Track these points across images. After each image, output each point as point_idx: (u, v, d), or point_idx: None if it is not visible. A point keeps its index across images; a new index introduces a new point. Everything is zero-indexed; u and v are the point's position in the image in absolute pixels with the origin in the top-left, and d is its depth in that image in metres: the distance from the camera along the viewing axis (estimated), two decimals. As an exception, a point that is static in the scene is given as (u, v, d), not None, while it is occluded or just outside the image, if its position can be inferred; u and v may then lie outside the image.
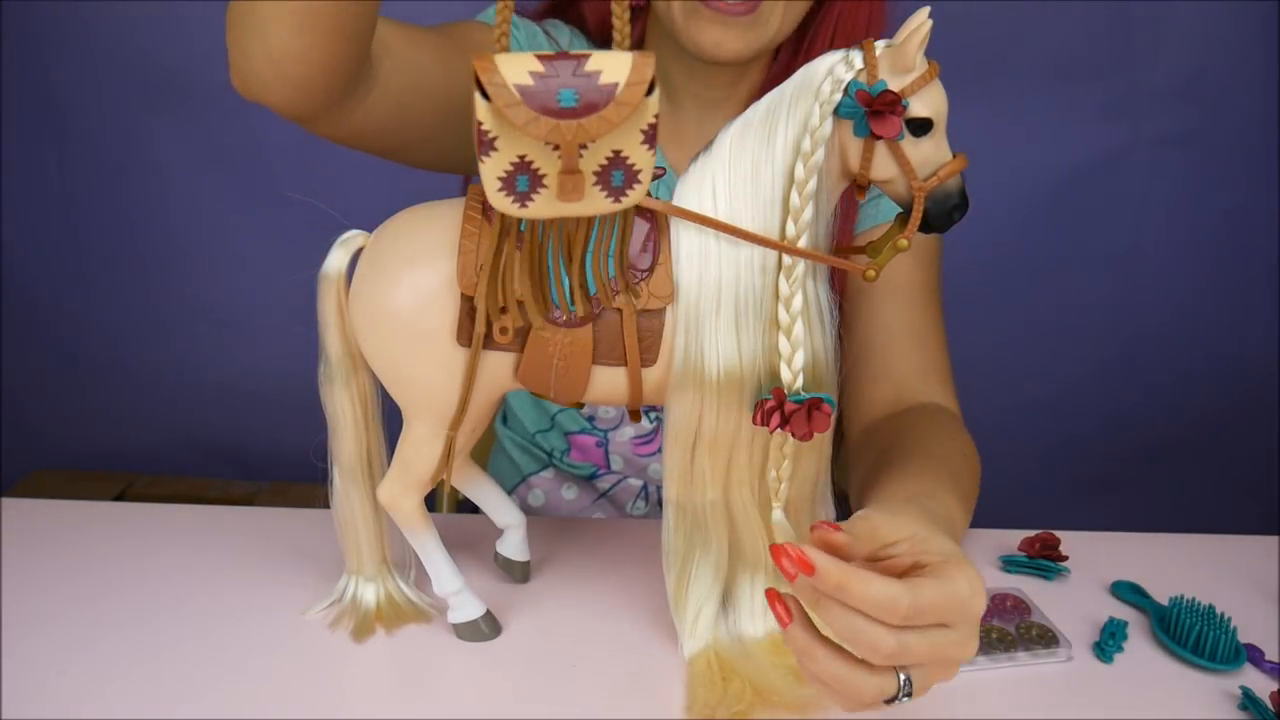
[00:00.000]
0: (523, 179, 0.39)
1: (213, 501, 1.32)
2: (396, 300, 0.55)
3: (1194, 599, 0.65)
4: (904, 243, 0.54)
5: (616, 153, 0.39)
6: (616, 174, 0.40)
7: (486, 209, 0.54)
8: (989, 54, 1.38)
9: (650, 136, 0.40)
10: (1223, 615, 0.64)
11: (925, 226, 0.54)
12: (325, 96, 0.62)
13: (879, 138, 0.51)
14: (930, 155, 0.52)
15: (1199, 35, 1.40)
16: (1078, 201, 1.49)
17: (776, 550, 0.44)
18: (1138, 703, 0.59)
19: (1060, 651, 0.63)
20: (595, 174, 0.39)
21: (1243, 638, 0.64)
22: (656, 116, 0.39)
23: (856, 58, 0.52)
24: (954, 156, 0.53)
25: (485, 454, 1.06)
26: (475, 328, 0.54)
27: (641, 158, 0.40)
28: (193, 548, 0.73)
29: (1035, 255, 1.51)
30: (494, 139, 0.37)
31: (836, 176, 0.55)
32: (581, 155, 0.38)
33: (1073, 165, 1.47)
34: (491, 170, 0.38)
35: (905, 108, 0.51)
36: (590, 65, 0.37)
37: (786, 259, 0.54)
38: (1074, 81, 1.42)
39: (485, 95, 0.37)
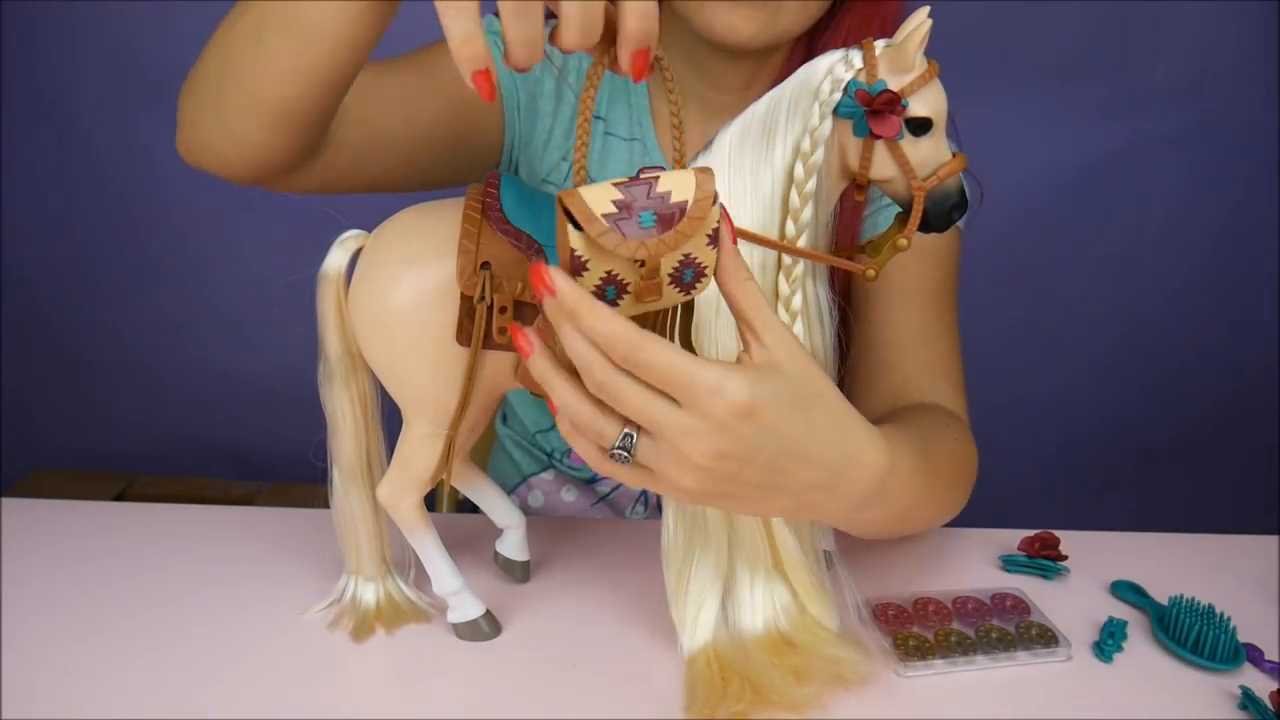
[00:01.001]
0: (610, 289, 0.44)
1: (213, 501, 1.32)
2: (396, 300, 0.55)
3: (1194, 599, 0.65)
4: (904, 242, 0.54)
5: (687, 255, 0.45)
6: (687, 272, 0.45)
7: (486, 208, 0.54)
8: (989, 54, 1.38)
9: (714, 238, 0.45)
10: (1222, 615, 0.64)
11: (925, 226, 0.54)
12: (281, 170, 0.64)
13: (878, 137, 0.52)
14: (930, 155, 0.52)
15: (1199, 35, 1.39)
16: (1078, 201, 1.49)
17: (535, 268, 0.43)
18: (1137, 702, 0.59)
19: (1060, 651, 0.63)
20: (670, 275, 0.45)
21: (1242, 637, 0.64)
22: (719, 220, 0.45)
23: (856, 57, 0.52)
24: (953, 156, 0.53)
25: (485, 454, 1.06)
26: (475, 327, 0.55)
27: (708, 256, 0.45)
28: (193, 548, 0.73)
29: (1035, 255, 1.51)
30: (585, 261, 0.43)
31: (836, 176, 0.55)
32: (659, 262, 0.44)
33: (1072, 165, 1.47)
34: (584, 287, 0.44)
35: (905, 107, 0.51)
36: (661, 187, 0.43)
37: (786, 259, 0.54)
38: (1074, 81, 1.42)
39: (575, 224, 0.43)
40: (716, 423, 0.45)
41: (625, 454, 0.46)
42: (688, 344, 0.51)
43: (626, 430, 0.46)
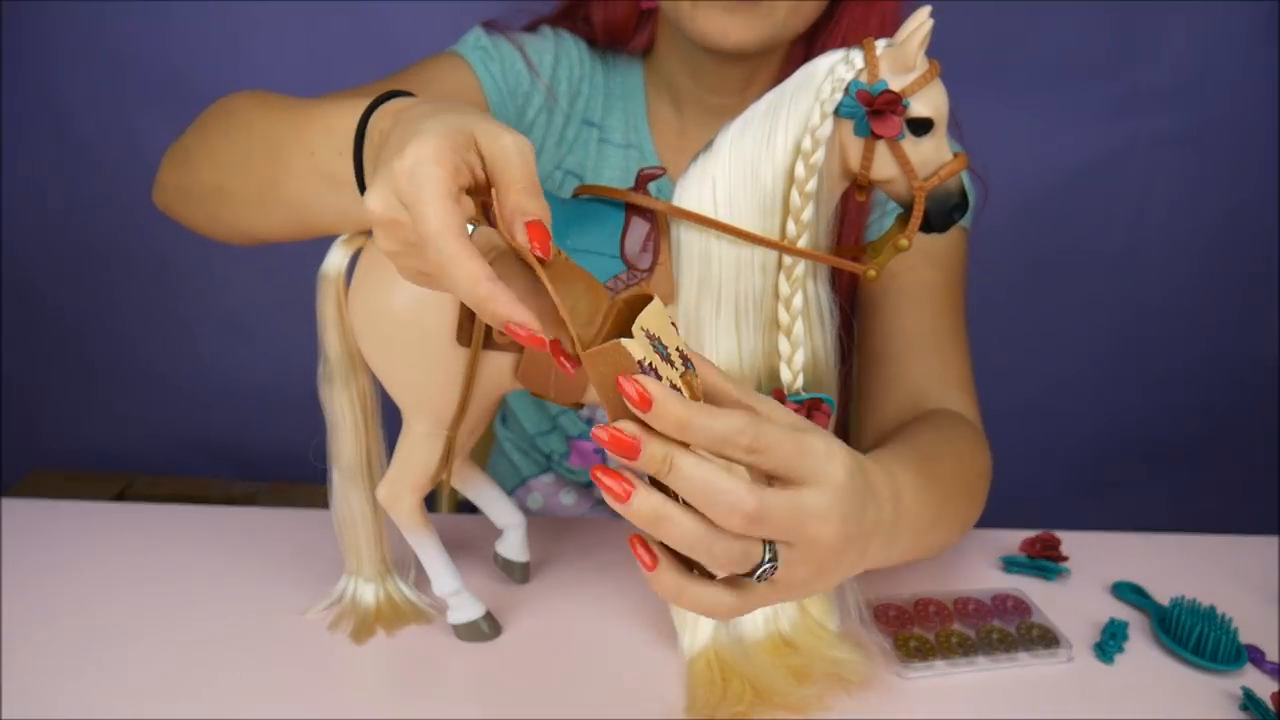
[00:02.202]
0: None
1: (213, 501, 1.32)
2: (396, 300, 0.55)
3: (1195, 599, 0.65)
4: (905, 243, 0.54)
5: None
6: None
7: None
8: (989, 54, 1.38)
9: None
10: (1223, 616, 0.64)
11: (926, 226, 0.54)
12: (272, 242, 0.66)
13: (879, 137, 0.51)
14: (930, 155, 0.52)
15: (1199, 35, 1.39)
16: (1078, 201, 1.49)
17: (620, 381, 0.38)
18: (1138, 703, 0.59)
19: (1061, 652, 0.63)
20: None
21: (1243, 638, 0.64)
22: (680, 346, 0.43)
23: (857, 57, 0.52)
24: (954, 156, 0.53)
25: (484, 456, 1.06)
26: (475, 328, 0.54)
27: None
28: (193, 548, 0.73)
29: (1035, 254, 1.51)
30: (653, 365, 0.40)
31: (837, 176, 0.55)
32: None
33: (1073, 165, 1.47)
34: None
35: (906, 107, 0.51)
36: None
37: (787, 259, 0.54)
38: (1074, 81, 1.42)
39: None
40: (840, 493, 0.43)
41: (774, 565, 0.42)
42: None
43: (769, 543, 0.42)
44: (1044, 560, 0.73)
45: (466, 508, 0.97)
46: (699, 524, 0.40)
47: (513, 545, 0.69)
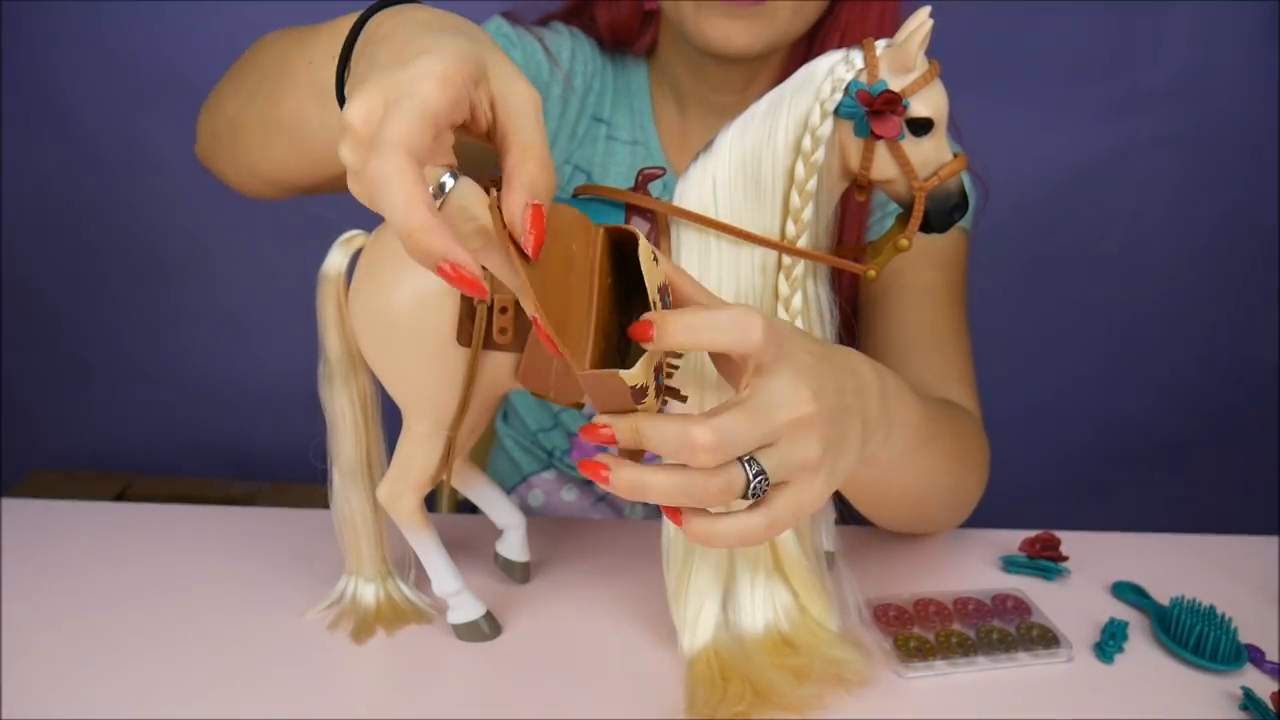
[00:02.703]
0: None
1: (213, 501, 1.32)
2: (396, 300, 0.55)
3: (1194, 599, 0.65)
4: (905, 243, 0.54)
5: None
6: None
7: (488, 209, 0.54)
8: (989, 54, 1.38)
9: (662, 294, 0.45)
10: (1223, 616, 0.64)
11: (926, 226, 0.54)
12: (300, 192, 0.65)
13: (879, 138, 0.51)
14: (930, 155, 0.52)
15: (1199, 35, 1.39)
16: (1078, 201, 1.49)
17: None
18: (1138, 703, 0.59)
19: (1061, 652, 0.63)
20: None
21: (1243, 638, 0.64)
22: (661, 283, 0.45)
23: (857, 57, 0.52)
24: (954, 156, 0.53)
25: (485, 454, 1.06)
26: (475, 328, 0.54)
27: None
28: (193, 548, 0.73)
29: (1034, 254, 1.51)
30: (645, 388, 0.42)
31: (837, 176, 0.55)
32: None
33: (1072, 165, 1.47)
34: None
35: (906, 107, 0.51)
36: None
37: (786, 259, 0.54)
38: (1074, 81, 1.42)
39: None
40: (791, 370, 0.44)
41: (764, 477, 0.43)
42: (617, 317, 0.47)
43: (748, 458, 0.43)
44: (1044, 560, 0.73)
45: (466, 508, 0.97)
46: (672, 473, 0.42)
47: (513, 545, 0.69)
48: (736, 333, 0.43)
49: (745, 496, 0.43)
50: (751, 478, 0.43)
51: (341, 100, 0.48)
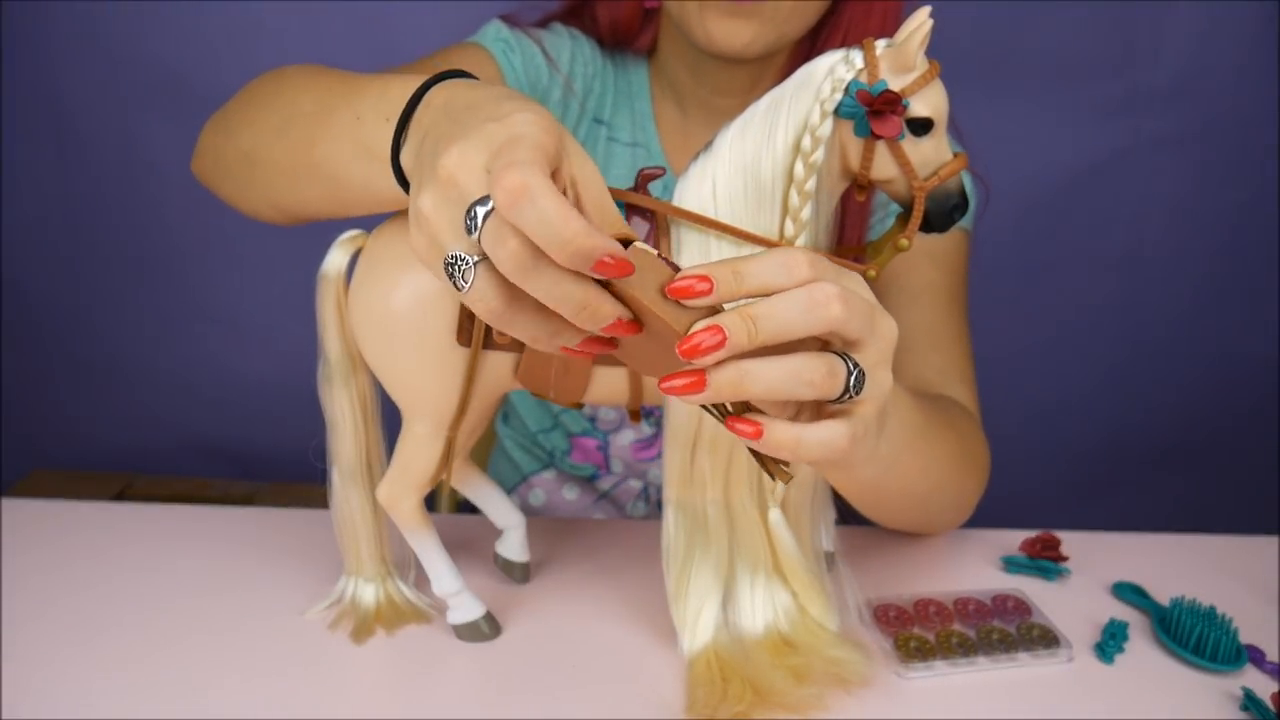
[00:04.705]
0: None
1: (213, 501, 1.32)
2: (396, 300, 0.55)
3: (1195, 600, 0.65)
4: (905, 243, 0.54)
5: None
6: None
7: None
8: (989, 54, 1.38)
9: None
10: (1224, 616, 0.64)
11: (926, 226, 0.54)
12: (307, 222, 0.64)
13: (879, 138, 0.51)
14: (930, 155, 0.52)
15: (1199, 35, 1.39)
16: (1078, 201, 1.49)
17: (675, 286, 0.38)
18: (1139, 703, 0.59)
19: (1061, 652, 0.63)
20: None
21: (1244, 638, 0.64)
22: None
23: (857, 57, 0.52)
24: (954, 156, 0.53)
25: (486, 454, 1.06)
26: (475, 328, 0.54)
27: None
28: (193, 548, 0.73)
29: (1035, 255, 1.51)
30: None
31: (837, 176, 0.55)
32: None
33: (1073, 165, 1.46)
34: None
35: (906, 107, 0.51)
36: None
37: (786, 259, 0.54)
38: (1074, 81, 1.42)
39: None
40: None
41: (860, 373, 0.41)
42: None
43: (844, 353, 0.41)
44: (1044, 560, 0.73)
45: (466, 508, 0.97)
46: (780, 359, 0.39)
47: (513, 545, 0.69)
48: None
49: (845, 391, 0.41)
50: (851, 369, 0.41)
51: (396, 167, 0.48)
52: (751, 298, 0.39)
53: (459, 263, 0.39)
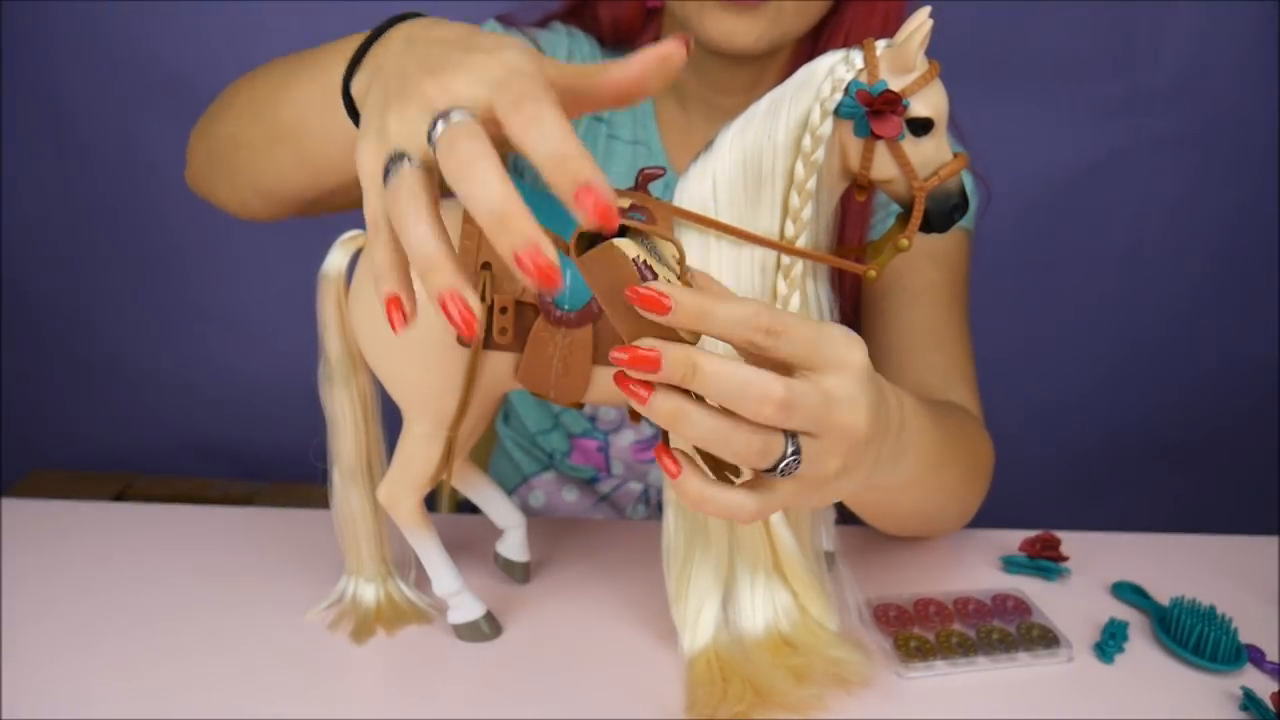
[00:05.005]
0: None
1: (213, 501, 1.32)
2: (396, 300, 0.55)
3: (1195, 599, 0.65)
4: (905, 243, 0.54)
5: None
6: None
7: None
8: (989, 54, 1.38)
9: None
10: (1224, 616, 0.64)
11: (926, 226, 0.54)
12: (298, 209, 0.65)
13: (879, 138, 0.51)
14: (931, 155, 0.52)
15: (1199, 35, 1.39)
16: (1078, 201, 1.49)
17: (633, 292, 0.38)
18: (1138, 703, 0.59)
19: (1061, 652, 0.63)
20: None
21: (1243, 638, 0.64)
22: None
23: (857, 57, 0.52)
24: (954, 156, 0.53)
25: (486, 455, 1.06)
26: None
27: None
28: (193, 548, 0.73)
29: (1035, 255, 1.51)
30: (650, 265, 0.40)
31: (837, 176, 0.55)
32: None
33: (1073, 165, 1.47)
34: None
35: (906, 107, 0.51)
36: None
37: (784, 258, 0.54)
38: (1074, 81, 1.42)
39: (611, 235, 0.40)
40: (862, 379, 0.43)
41: (798, 458, 0.42)
42: None
43: (793, 435, 0.42)
44: (1044, 560, 0.73)
45: (466, 508, 0.97)
46: (719, 418, 0.40)
47: (513, 545, 0.69)
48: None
49: (771, 469, 0.42)
50: (788, 455, 0.42)
51: (348, 102, 0.49)
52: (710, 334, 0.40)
53: (399, 160, 0.39)
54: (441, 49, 0.42)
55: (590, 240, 0.40)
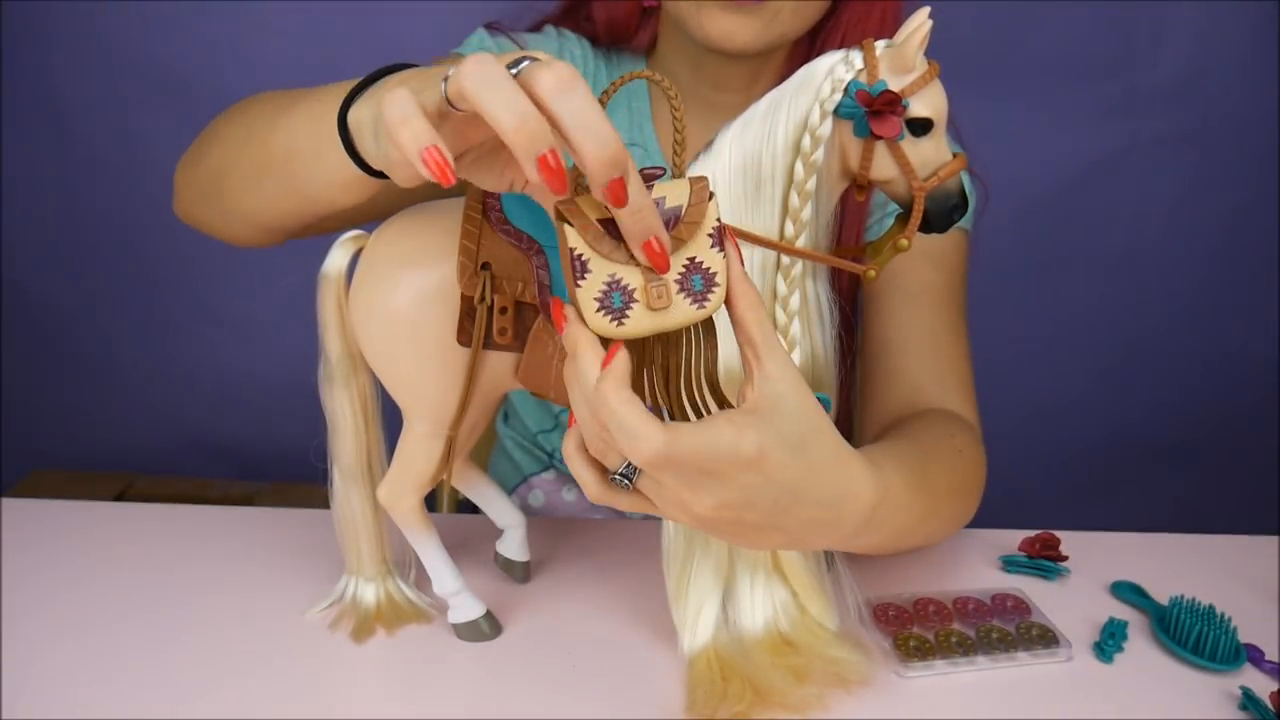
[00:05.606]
0: (616, 295, 0.44)
1: (213, 501, 1.32)
2: (397, 300, 0.55)
3: (1194, 599, 0.65)
4: (904, 243, 0.54)
5: (691, 259, 0.45)
6: (696, 279, 0.45)
7: (486, 209, 0.54)
8: (989, 54, 1.38)
9: (718, 239, 0.45)
10: (1223, 615, 0.64)
11: (925, 227, 0.54)
12: (289, 236, 0.66)
13: (879, 138, 0.51)
14: (930, 155, 0.52)
15: (1199, 35, 1.39)
16: (1078, 202, 1.49)
17: (555, 303, 0.45)
18: (1138, 703, 0.59)
19: (1060, 651, 0.63)
20: (677, 281, 0.45)
21: (1243, 638, 0.64)
22: (719, 220, 0.45)
23: (856, 58, 0.52)
24: (954, 156, 0.53)
25: (486, 454, 1.06)
26: (475, 327, 0.54)
27: (715, 262, 0.45)
28: (193, 548, 0.73)
29: (1035, 255, 1.51)
30: (587, 262, 0.43)
31: (836, 176, 0.55)
32: None
33: (1072, 165, 1.47)
34: (588, 293, 0.44)
35: (905, 108, 0.51)
36: (655, 193, 0.44)
37: (784, 259, 0.54)
38: (1074, 81, 1.42)
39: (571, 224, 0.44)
40: (721, 479, 0.44)
41: (627, 481, 0.45)
42: (716, 386, 0.49)
43: (628, 464, 0.45)
44: (1044, 560, 0.73)
45: (466, 508, 0.97)
46: (590, 415, 0.44)
47: (513, 545, 0.69)
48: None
49: (607, 475, 0.46)
50: (618, 473, 0.45)
51: (342, 127, 0.50)
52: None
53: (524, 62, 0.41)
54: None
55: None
